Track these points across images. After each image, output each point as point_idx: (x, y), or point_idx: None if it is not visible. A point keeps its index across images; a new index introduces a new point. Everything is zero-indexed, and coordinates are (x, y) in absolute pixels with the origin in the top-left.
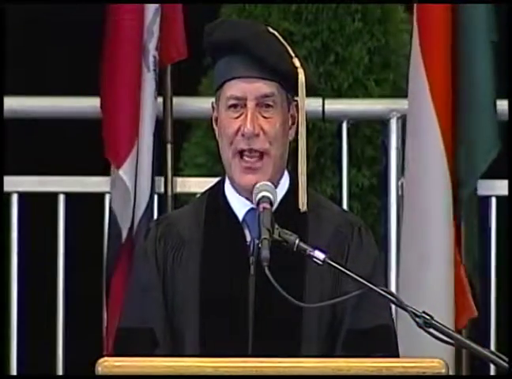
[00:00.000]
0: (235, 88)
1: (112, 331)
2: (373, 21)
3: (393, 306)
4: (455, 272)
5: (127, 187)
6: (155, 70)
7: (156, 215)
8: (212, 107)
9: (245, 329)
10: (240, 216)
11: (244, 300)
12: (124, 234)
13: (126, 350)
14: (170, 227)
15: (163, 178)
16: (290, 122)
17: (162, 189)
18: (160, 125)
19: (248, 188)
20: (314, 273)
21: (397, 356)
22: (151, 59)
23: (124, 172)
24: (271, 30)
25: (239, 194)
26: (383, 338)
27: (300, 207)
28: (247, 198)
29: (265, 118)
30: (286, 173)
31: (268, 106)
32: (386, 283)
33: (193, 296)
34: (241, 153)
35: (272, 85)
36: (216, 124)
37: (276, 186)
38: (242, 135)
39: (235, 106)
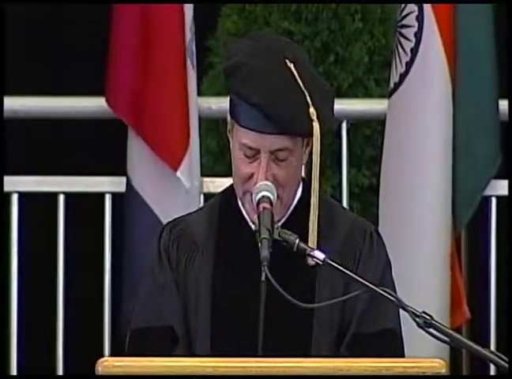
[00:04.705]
0: (247, 138)
1: None
2: (373, 21)
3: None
4: (451, 276)
5: (186, 189)
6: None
7: None
8: (227, 120)
9: (255, 334)
10: (252, 224)
11: (255, 306)
12: None
13: (143, 351)
14: (183, 231)
15: None
16: (304, 149)
17: None
18: None
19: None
20: (325, 280)
21: None
22: (194, 58)
23: (182, 173)
24: (288, 63)
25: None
26: (388, 342)
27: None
28: None
29: (279, 163)
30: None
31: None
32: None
33: (205, 300)
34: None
35: (286, 139)
36: (230, 135)
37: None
38: (255, 183)
39: (248, 151)
